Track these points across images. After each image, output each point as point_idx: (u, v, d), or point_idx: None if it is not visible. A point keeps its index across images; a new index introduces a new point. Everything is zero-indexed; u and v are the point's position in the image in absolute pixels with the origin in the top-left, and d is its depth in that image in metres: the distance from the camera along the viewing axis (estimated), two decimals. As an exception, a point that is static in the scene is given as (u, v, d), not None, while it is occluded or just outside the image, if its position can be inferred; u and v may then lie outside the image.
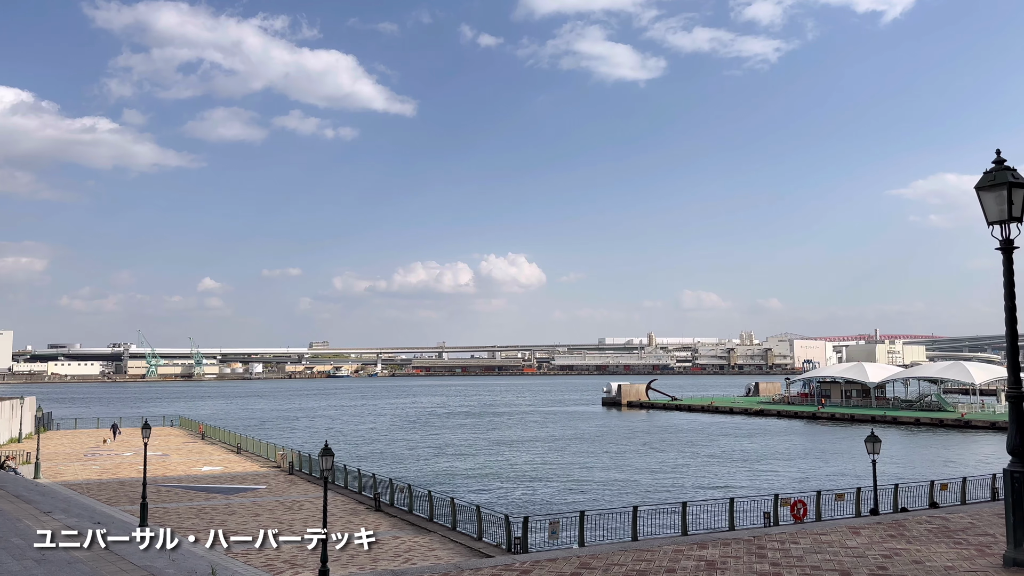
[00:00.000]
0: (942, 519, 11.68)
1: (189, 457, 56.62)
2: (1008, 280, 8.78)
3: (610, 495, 43.34)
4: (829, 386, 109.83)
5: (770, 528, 18.21)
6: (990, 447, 66.25)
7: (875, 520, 12.54)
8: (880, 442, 24.99)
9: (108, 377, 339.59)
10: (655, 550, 10.53)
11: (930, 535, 10.36)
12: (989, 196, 8.85)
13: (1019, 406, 8.65)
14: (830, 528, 11.85)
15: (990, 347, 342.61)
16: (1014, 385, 8.74)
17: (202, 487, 42.66)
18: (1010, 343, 8.82)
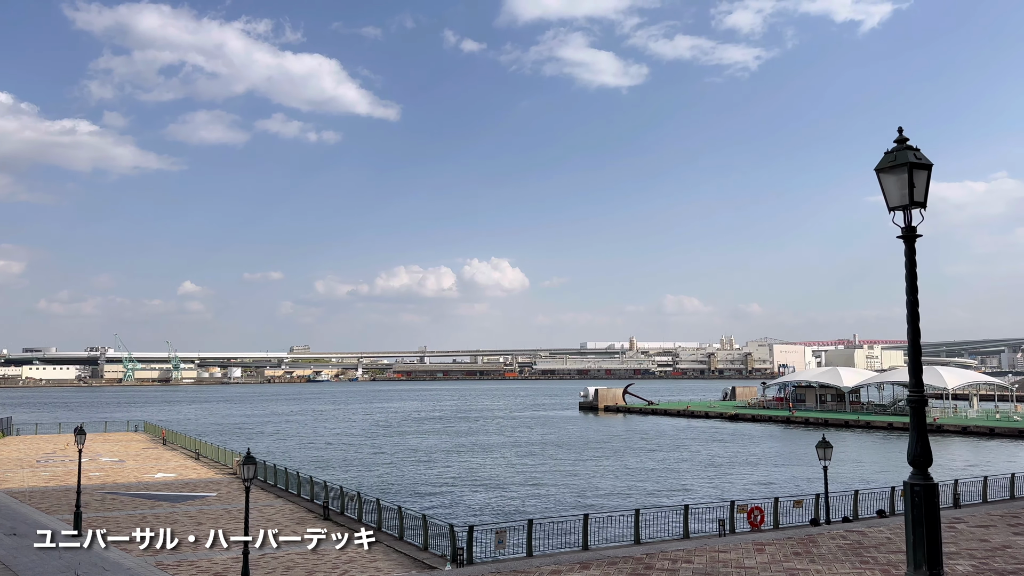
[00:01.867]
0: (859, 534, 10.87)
1: (145, 463, 55.21)
2: (910, 272, 7.95)
3: (571, 501, 42.43)
4: (804, 390, 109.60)
5: (686, 542, 17.35)
6: (960, 452, 65.97)
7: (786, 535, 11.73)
8: (831, 448, 24.26)
9: (84, 382, 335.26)
10: (531, 572, 9.62)
11: (839, 553, 9.55)
12: (890, 179, 8.03)
13: (921, 411, 7.82)
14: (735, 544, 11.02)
15: (967, 352, 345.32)
16: (915, 388, 7.91)
17: (150, 494, 41.37)
18: (912, 342, 7.99)
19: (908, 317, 7.79)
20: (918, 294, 7.82)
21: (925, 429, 7.79)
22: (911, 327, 7.82)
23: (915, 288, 7.82)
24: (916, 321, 7.81)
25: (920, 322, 7.82)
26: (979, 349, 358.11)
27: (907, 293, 7.82)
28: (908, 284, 7.84)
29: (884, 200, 8.12)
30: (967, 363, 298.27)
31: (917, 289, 7.83)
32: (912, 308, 7.80)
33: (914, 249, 7.94)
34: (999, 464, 54.40)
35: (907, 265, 7.89)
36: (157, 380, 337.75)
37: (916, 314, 7.82)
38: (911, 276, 7.87)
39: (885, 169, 8.06)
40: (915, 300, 7.79)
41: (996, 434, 76.10)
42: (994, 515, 11.09)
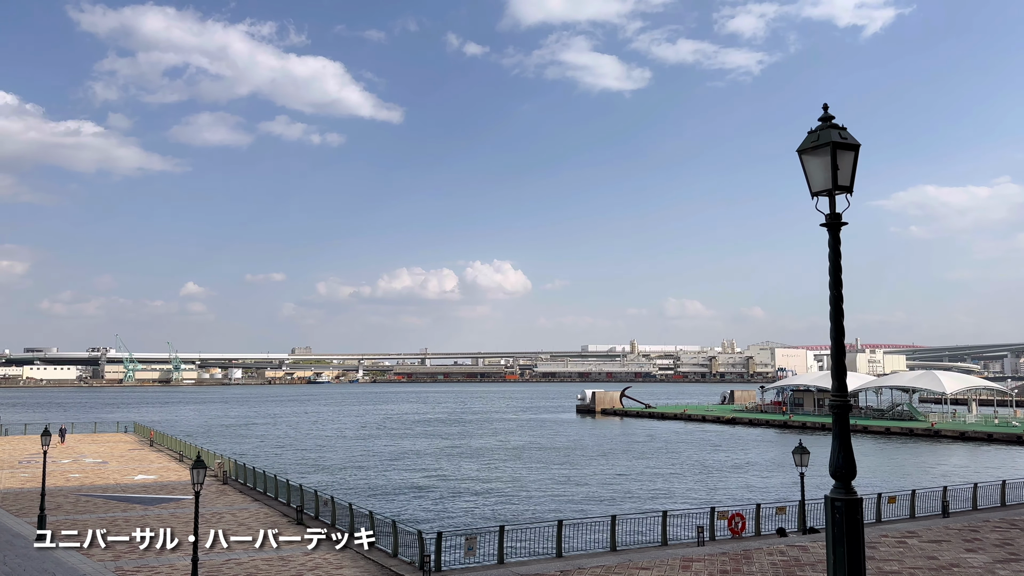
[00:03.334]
0: (800, 549, 10.13)
1: (127, 465, 54.56)
2: (834, 264, 7.22)
3: (552, 506, 41.64)
4: (803, 394, 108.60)
5: (656, 551, 16.64)
6: (957, 457, 65.09)
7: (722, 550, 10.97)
8: (808, 454, 23.45)
9: (84, 382, 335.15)
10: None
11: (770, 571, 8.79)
12: (813, 161, 7.29)
13: (844, 417, 7.08)
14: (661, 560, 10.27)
15: (970, 356, 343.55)
16: (838, 392, 7.17)
17: (126, 497, 40.72)
18: (835, 340, 7.24)
19: (831, 315, 7.06)
20: (842, 288, 7.09)
21: (848, 437, 7.05)
22: (834, 325, 7.08)
23: (839, 281, 7.09)
24: (840, 318, 7.08)
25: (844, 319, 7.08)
26: (982, 354, 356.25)
27: (831, 287, 7.09)
28: (832, 277, 7.11)
29: (807, 185, 7.38)
30: (970, 368, 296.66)
31: (841, 283, 7.11)
32: (836, 304, 7.07)
33: (838, 239, 7.21)
34: (1001, 470, 53.48)
35: (831, 256, 7.16)
36: (158, 381, 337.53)
37: (840, 310, 7.09)
38: (835, 268, 7.13)
39: (807, 150, 7.32)
40: (839, 295, 7.06)
41: (994, 439, 75.15)
42: (952, 529, 10.34)
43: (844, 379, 7.17)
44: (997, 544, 8.80)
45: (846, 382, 7.18)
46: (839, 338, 7.14)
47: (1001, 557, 11.86)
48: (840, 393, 7.08)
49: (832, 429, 7.16)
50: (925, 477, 51.28)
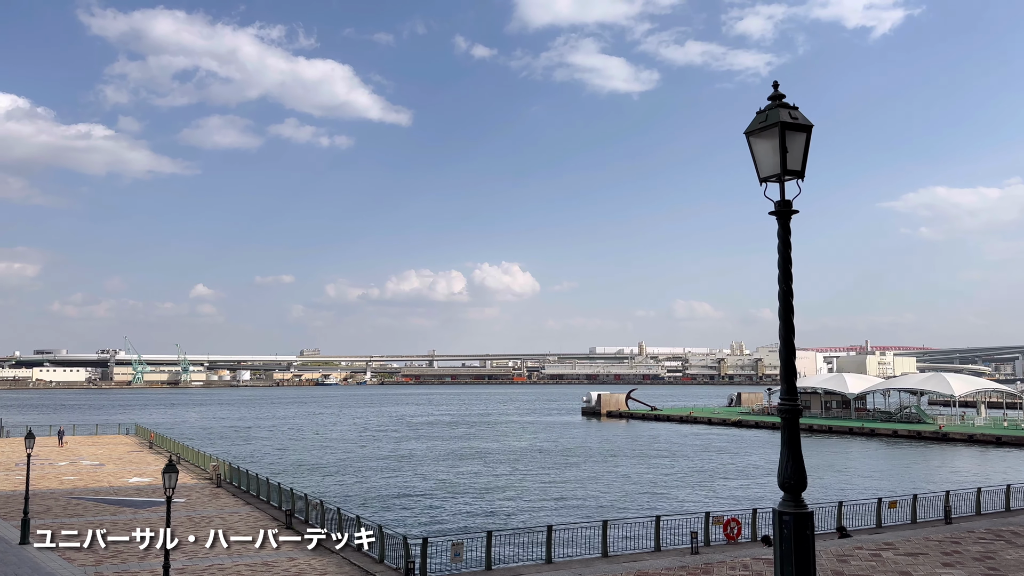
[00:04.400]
0: (765, 563, 9.50)
1: (124, 467, 54.25)
2: (783, 256, 6.62)
3: (548, 510, 41.02)
4: (809, 397, 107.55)
5: (650, 557, 16.06)
6: (965, 461, 64.11)
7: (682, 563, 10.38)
8: (801, 459, 22.83)
9: (94, 384, 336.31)
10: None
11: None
12: (762, 143, 6.69)
13: (794, 423, 6.49)
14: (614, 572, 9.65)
15: (981, 359, 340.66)
16: (787, 395, 6.58)
17: (116, 500, 40.35)
18: (785, 339, 6.66)
19: (781, 311, 6.47)
20: (792, 281, 6.50)
21: (799, 445, 6.46)
22: (784, 322, 6.49)
23: (789, 274, 6.51)
24: (790, 314, 6.49)
25: (794, 315, 6.48)
26: (993, 356, 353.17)
27: (779, 281, 6.50)
28: (781, 270, 6.52)
29: (755, 170, 6.80)
30: (981, 370, 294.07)
31: (791, 276, 6.52)
32: (785, 299, 6.47)
33: (788, 228, 6.62)
34: (1009, 474, 52.55)
35: (780, 248, 6.57)
36: (166, 382, 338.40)
37: (790, 305, 6.50)
38: (784, 260, 6.54)
39: (755, 132, 6.72)
40: (788, 289, 6.48)
41: (1003, 442, 74.06)
42: (933, 541, 9.71)
43: (794, 381, 6.58)
44: (977, 558, 8.25)
45: (795, 385, 6.59)
46: (788, 337, 6.55)
47: (979, 573, 11.11)
48: (789, 397, 6.48)
49: (781, 435, 6.57)
50: (931, 481, 50.37)
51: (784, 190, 6.71)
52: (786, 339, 6.56)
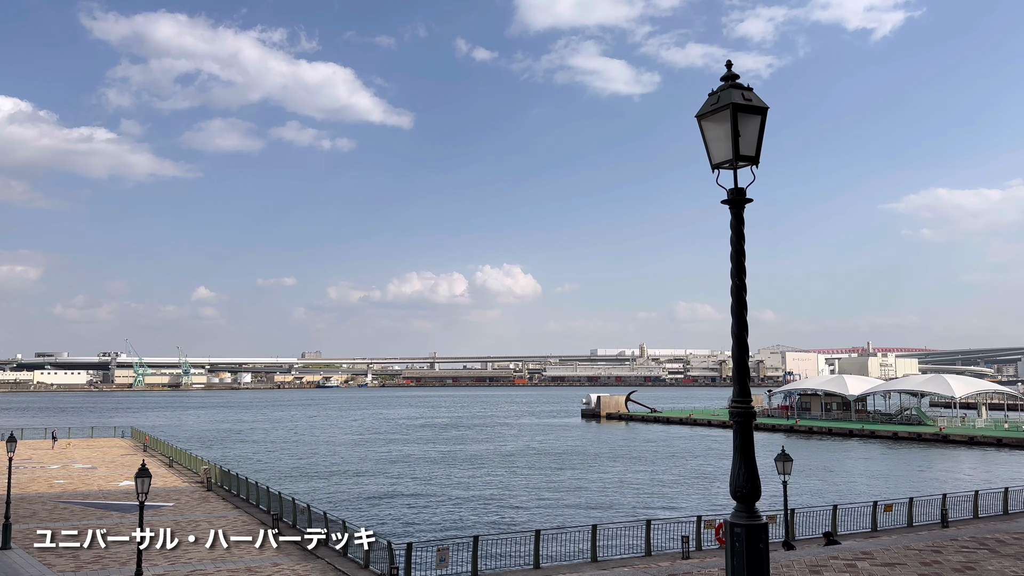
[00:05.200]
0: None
1: (115, 471, 53.82)
2: (737, 247, 6.17)
3: (540, 514, 40.54)
4: (810, 399, 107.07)
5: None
6: (965, 463, 63.53)
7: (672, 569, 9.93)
8: (791, 461, 22.26)
9: (95, 386, 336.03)
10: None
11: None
12: (714, 127, 6.24)
13: (748, 426, 6.05)
14: None
15: (983, 360, 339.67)
16: (740, 397, 6.13)
17: (104, 504, 39.92)
18: (737, 337, 6.21)
19: (734, 308, 6.03)
20: (746, 275, 6.06)
21: (752, 451, 6.01)
22: (737, 320, 6.04)
23: (742, 267, 6.07)
24: (743, 310, 6.04)
25: (747, 311, 6.04)
26: (995, 357, 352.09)
27: (732, 274, 6.06)
28: (734, 263, 6.07)
29: (707, 156, 6.35)
30: (983, 371, 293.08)
31: (745, 269, 6.08)
32: (738, 293, 6.03)
33: (742, 218, 6.18)
34: (1009, 476, 52.00)
35: (733, 239, 6.13)
36: (167, 385, 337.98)
37: (743, 301, 6.05)
38: (738, 252, 6.10)
39: (707, 115, 6.27)
40: (742, 283, 6.04)
41: (1004, 444, 73.48)
42: (913, 550, 9.25)
43: (746, 381, 6.13)
44: (957, 568, 7.83)
45: (747, 386, 6.14)
46: (741, 334, 6.11)
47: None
48: (742, 399, 6.03)
49: (733, 440, 6.12)
50: (931, 484, 49.80)
51: (737, 177, 6.27)
52: (739, 337, 6.11)
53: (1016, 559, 9.04)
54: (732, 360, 6.34)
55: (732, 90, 6.13)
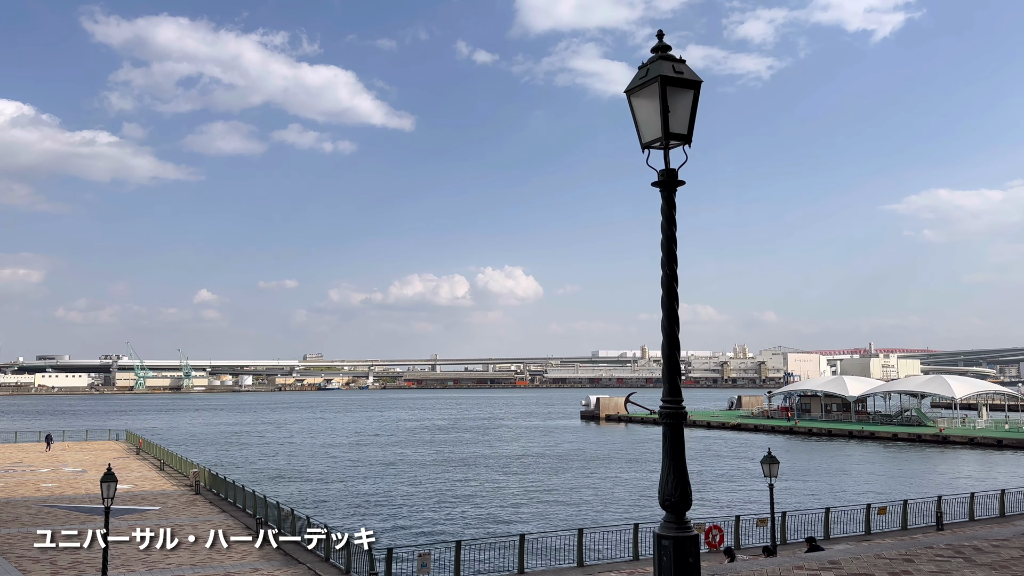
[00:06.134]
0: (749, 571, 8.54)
1: (105, 474, 53.28)
2: (668, 235, 5.68)
3: (531, 518, 40.02)
4: (810, 400, 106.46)
5: None
6: (965, 464, 62.90)
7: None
8: (778, 464, 21.71)
9: (96, 389, 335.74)
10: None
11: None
12: (643, 103, 5.73)
13: (678, 429, 5.55)
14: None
15: (985, 361, 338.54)
16: (671, 397, 5.63)
17: (90, 508, 39.39)
18: (668, 334, 5.71)
19: (664, 300, 5.53)
20: (677, 264, 5.57)
21: (682, 456, 5.52)
22: (667, 313, 5.54)
23: (674, 256, 5.57)
24: (674, 302, 5.54)
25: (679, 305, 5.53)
26: (998, 358, 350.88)
27: (663, 264, 5.56)
28: (665, 251, 5.58)
29: (637, 135, 5.85)
30: (985, 372, 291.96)
31: (676, 258, 5.59)
32: (669, 284, 5.52)
33: (673, 202, 5.69)
34: (1009, 477, 51.39)
35: (664, 225, 5.64)
36: (168, 388, 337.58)
37: (674, 293, 5.56)
38: (669, 240, 5.61)
39: (636, 90, 5.75)
40: (673, 274, 5.54)
41: (1004, 445, 72.82)
42: (884, 559, 8.76)
43: (677, 380, 5.63)
44: (927, 580, 7.49)
45: (679, 385, 5.64)
46: (672, 329, 5.61)
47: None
48: (672, 399, 5.52)
49: (662, 444, 5.61)
50: (929, 485, 49.19)
51: (669, 157, 5.77)
52: (670, 333, 5.61)
53: (991, 568, 8.54)
54: (662, 356, 5.84)
55: (662, 62, 5.61)
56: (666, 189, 5.73)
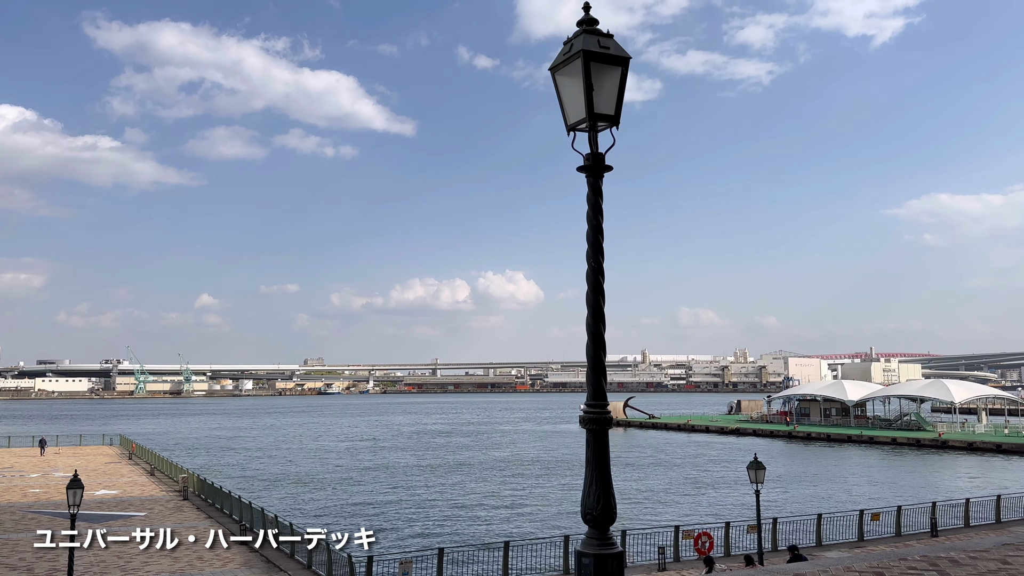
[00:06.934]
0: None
1: (95, 479, 52.84)
2: (594, 223, 5.22)
3: (520, 524, 39.50)
4: (809, 404, 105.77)
5: None
6: (963, 470, 62.30)
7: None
8: (764, 469, 21.23)
9: (96, 394, 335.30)
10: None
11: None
12: (569, 82, 5.28)
13: (603, 435, 5.09)
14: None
15: (987, 365, 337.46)
16: (595, 400, 5.16)
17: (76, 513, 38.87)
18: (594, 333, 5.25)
19: (589, 295, 5.08)
20: (603, 257, 5.13)
21: (607, 466, 5.05)
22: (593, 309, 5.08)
23: (600, 247, 5.13)
24: (600, 298, 5.08)
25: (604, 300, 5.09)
26: (999, 362, 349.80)
27: (588, 256, 5.10)
28: (590, 242, 5.12)
29: (563, 117, 5.41)
30: (987, 376, 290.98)
31: (602, 249, 5.15)
32: (595, 278, 5.06)
33: (599, 188, 5.25)
34: (1008, 483, 50.79)
35: (589, 214, 5.19)
36: (168, 392, 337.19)
37: (600, 288, 5.10)
38: (595, 231, 5.16)
39: (560, 67, 5.29)
40: (599, 266, 5.08)
41: (1003, 450, 72.18)
42: (853, 571, 8.26)
43: (602, 382, 5.18)
44: (896, 596, 7.04)
45: (603, 387, 5.19)
46: (598, 328, 5.15)
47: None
48: (596, 403, 5.05)
49: (585, 452, 5.15)
50: (928, 491, 48.61)
51: (596, 140, 5.33)
52: (595, 331, 5.14)
53: (965, 583, 8.05)
54: (587, 356, 5.38)
55: (587, 36, 5.13)
56: (592, 175, 5.29)
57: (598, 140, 5.36)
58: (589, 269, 5.18)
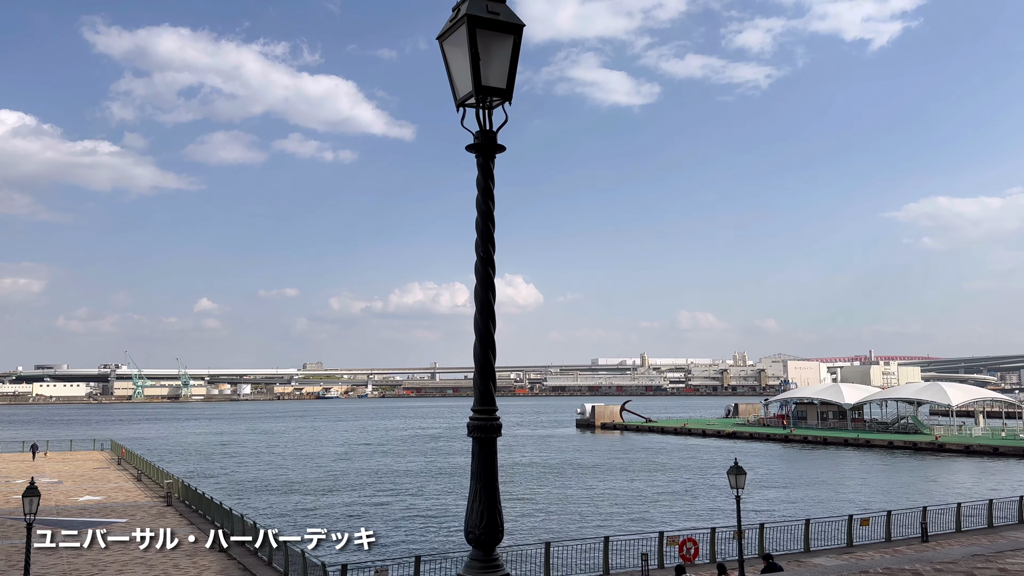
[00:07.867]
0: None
1: (80, 485, 52.39)
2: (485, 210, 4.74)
3: (508, 530, 38.93)
4: (806, 407, 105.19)
5: None
6: (959, 473, 61.74)
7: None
8: (744, 475, 20.72)
9: (94, 399, 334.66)
10: None
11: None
12: (457, 53, 4.76)
13: (491, 444, 4.62)
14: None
15: (986, 368, 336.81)
16: (483, 406, 4.70)
17: (56, 521, 38.43)
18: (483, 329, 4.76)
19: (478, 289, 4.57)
20: (494, 245, 4.65)
21: (494, 480, 4.57)
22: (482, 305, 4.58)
23: (490, 236, 4.63)
24: (490, 292, 4.58)
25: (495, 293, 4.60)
26: (998, 365, 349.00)
27: (477, 245, 4.59)
28: (480, 230, 4.61)
29: (451, 91, 4.92)
30: (986, 379, 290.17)
31: (492, 237, 4.67)
32: (484, 270, 4.57)
33: (490, 170, 4.76)
34: (1003, 487, 50.25)
35: (479, 199, 4.68)
36: (166, 397, 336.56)
37: (490, 281, 4.59)
38: (485, 217, 4.67)
39: (446, 35, 4.77)
40: (489, 256, 4.58)
41: (1000, 453, 71.64)
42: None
43: (490, 386, 4.69)
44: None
45: (491, 393, 4.71)
46: (487, 325, 4.66)
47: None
48: (484, 408, 4.56)
49: (471, 463, 4.68)
50: (922, 494, 48.05)
51: (488, 117, 4.85)
52: (483, 329, 4.64)
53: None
54: (474, 358, 4.89)
55: (473, 0, 4.62)
56: (482, 154, 4.80)
57: (492, 117, 4.87)
58: (478, 260, 4.69)
